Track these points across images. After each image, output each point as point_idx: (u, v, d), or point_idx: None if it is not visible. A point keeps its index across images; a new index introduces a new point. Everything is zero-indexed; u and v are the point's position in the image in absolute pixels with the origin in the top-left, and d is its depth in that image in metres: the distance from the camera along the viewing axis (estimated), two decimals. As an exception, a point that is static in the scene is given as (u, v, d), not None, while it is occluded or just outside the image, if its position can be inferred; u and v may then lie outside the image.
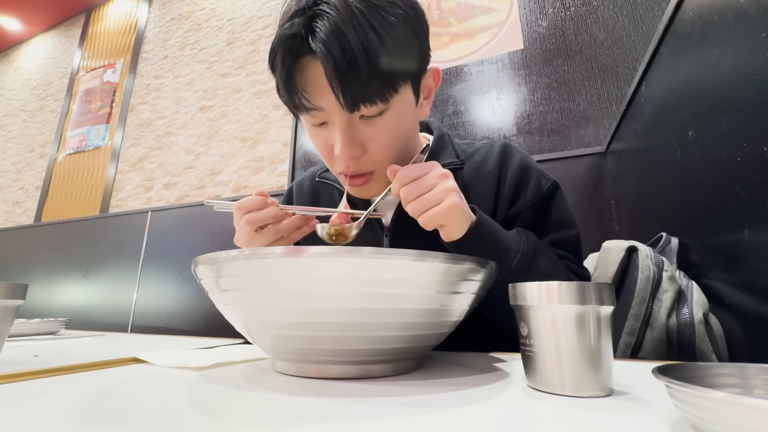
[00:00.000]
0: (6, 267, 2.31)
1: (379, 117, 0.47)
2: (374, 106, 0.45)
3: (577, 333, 0.27)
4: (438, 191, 0.42)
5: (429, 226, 0.42)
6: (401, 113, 0.49)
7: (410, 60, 0.48)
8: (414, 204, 0.42)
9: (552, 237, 0.55)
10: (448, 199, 0.41)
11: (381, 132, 0.48)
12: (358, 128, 0.48)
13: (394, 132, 0.49)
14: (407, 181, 0.42)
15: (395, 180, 0.43)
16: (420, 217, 0.42)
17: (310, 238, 0.54)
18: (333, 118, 0.48)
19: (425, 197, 0.42)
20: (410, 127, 0.53)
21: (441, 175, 0.43)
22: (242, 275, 0.30)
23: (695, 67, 0.56)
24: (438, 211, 0.41)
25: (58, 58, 3.08)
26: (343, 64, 0.42)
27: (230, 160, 1.96)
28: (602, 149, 1.13)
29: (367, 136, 0.48)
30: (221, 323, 0.40)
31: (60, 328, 0.80)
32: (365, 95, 0.44)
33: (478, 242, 0.45)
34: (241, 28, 2.20)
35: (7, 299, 0.36)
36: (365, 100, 0.44)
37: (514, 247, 0.47)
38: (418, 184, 0.42)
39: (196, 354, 0.47)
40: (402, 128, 0.50)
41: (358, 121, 0.48)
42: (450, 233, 0.44)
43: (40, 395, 0.28)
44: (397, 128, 0.49)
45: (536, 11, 1.42)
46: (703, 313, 0.51)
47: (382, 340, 0.31)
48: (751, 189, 0.43)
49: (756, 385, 0.23)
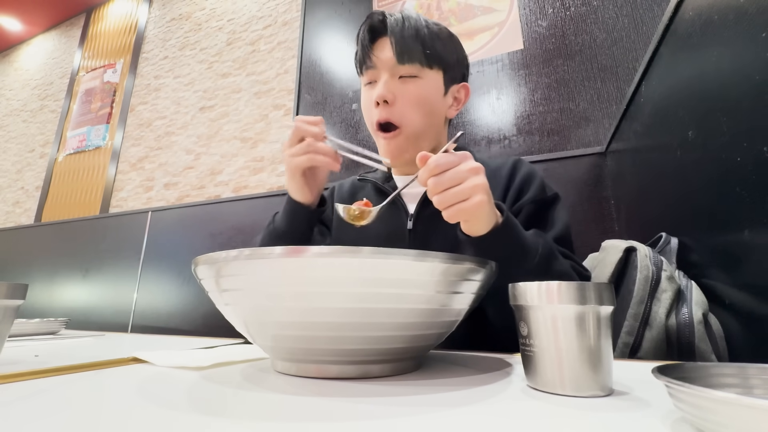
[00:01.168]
0: (6, 267, 2.31)
1: (412, 80, 0.62)
2: (413, 66, 0.62)
3: (577, 333, 0.27)
4: (467, 186, 0.41)
5: (452, 220, 0.43)
6: (429, 87, 0.63)
7: (446, 56, 0.65)
8: (441, 196, 0.41)
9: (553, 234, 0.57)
10: (476, 197, 0.41)
11: (410, 92, 0.62)
12: (395, 82, 0.62)
13: (419, 97, 0.63)
14: (437, 171, 0.41)
15: (424, 168, 0.42)
16: (445, 210, 0.42)
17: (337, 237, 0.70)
18: (381, 73, 0.63)
19: (453, 191, 0.41)
20: (433, 106, 0.65)
21: (471, 169, 0.42)
22: (242, 275, 0.30)
23: (695, 67, 0.56)
24: (464, 207, 0.41)
25: (58, 58, 3.08)
26: (402, 29, 0.61)
27: (230, 160, 1.96)
28: (602, 149, 1.13)
29: (400, 90, 0.62)
30: (221, 323, 0.40)
31: (60, 328, 0.80)
32: (411, 54, 0.61)
33: (501, 241, 0.45)
34: (241, 28, 2.20)
35: (7, 299, 0.36)
36: (409, 58, 0.61)
37: (533, 248, 0.48)
38: (448, 177, 0.41)
39: (196, 354, 0.47)
40: (426, 99, 0.63)
41: (397, 79, 0.63)
42: (472, 229, 0.44)
43: (40, 395, 0.28)
44: (422, 95, 0.63)
45: (536, 11, 1.42)
46: (702, 312, 0.51)
47: (382, 340, 0.31)
48: (751, 189, 0.43)
49: (756, 385, 0.23)
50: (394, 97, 0.62)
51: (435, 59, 0.63)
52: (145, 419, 0.22)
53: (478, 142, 1.38)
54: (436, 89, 0.64)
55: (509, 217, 0.46)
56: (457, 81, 0.68)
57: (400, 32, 0.61)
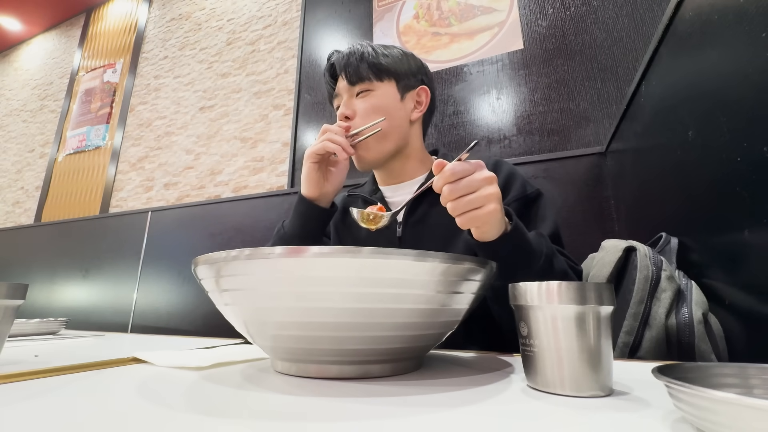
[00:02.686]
0: (6, 267, 2.30)
1: (367, 94, 0.70)
2: (363, 84, 0.70)
3: (577, 333, 0.27)
4: (481, 195, 0.43)
5: (465, 226, 0.45)
6: (383, 97, 0.71)
7: (396, 68, 0.72)
8: (455, 203, 0.43)
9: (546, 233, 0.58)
10: (489, 206, 0.43)
11: (366, 104, 0.70)
12: (353, 100, 0.71)
13: (373, 106, 0.70)
14: (452, 179, 0.43)
15: (440, 176, 0.43)
16: (459, 217, 0.44)
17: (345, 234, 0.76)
18: (343, 96, 0.72)
19: (467, 199, 0.43)
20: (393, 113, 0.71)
21: (485, 179, 0.43)
22: (242, 275, 0.30)
23: (695, 66, 0.56)
24: (477, 214, 0.43)
25: (58, 58, 3.08)
26: (348, 59, 0.71)
27: (230, 160, 1.96)
28: (602, 149, 1.13)
29: (357, 105, 0.70)
30: (221, 323, 0.40)
31: (60, 328, 0.80)
32: (358, 74, 0.70)
33: (511, 246, 0.47)
34: (241, 28, 2.20)
35: (7, 299, 0.36)
36: (358, 77, 0.70)
37: (538, 250, 0.50)
38: (463, 185, 0.43)
39: (196, 354, 0.47)
40: (379, 106, 0.70)
41: (355, 97, 0.71)
42: (483, 235, 0.46)
43: (40, 395, 0.28)
44: (375, 104, 0.70)
45: (536, 11, 1.42)
46: (702, 312, 0.51)
47: (382, 340, 0.31)
48: (751, 189, 0.43)
49: (756, 385, 0.23)
50: (354, 112, 0.70)
51: (383, 72, 0.70)
52: (145, 419, 0.22)
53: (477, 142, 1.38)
54: (390, 96, 0.71)
55: (518, 223, 0.48)
56: (414, 87, 0.74)
57: (346, 62, 0.70)
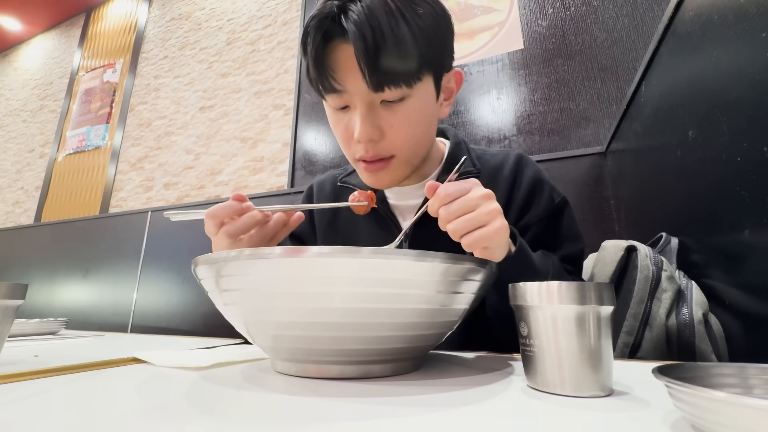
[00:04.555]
0: (6, 267, 2.30)
1: (400, 103, 0.49)
2: (398, 89, 0.47)
3: (577, 333, 0.27)
4: (482, 212, 0.38)
5: (472, 248, 0.39)
6: (421, 103, 0.50)
7: (435, 52, 0.49)
8: (456, 224, 0.38)
9: (562, 253, 0.56)
10: (495, 222, 0.39)
11: (401, 118, 0.49)
12: (378, 112, 0.49)
13: (413, 120, 0.50)
14: (448, 200, 0.38)
15: (434, 198, 0.39)
16: (464, 238, 0.38)
17: None
18: (355, 101, 0.49)
19: (468, 218, 0.38)
20: (429, 120, 0.54)
21: (483, 195, 0.39)
22: (242, 275, 0.30)
23: (695, 67, 0.56)
24: (485, 233, 0.38)
25: (58, 58, 3.08)
26: (372, 45, 0.43)
27: (230, 160, 1.96)
28: (602, 149, 1.13)
29: (387, 121, 0.49)
30: (221, 323, 0.40)
31: (60, 328, 0.80)
32: (391, 77, 0.46)
33: (516, 269, 0.43)
34: (241, 28, 2.20)
35: (7, 299, 0.36)
36: (390, 82, 0.46)
37: (544, 270, 0.47)
38: (458, 205, 0.38)
39: (196, 354, 0.46)
40: (421, 118, 0.51)
41: (379, 106, 0.49)
42: (492, 255, 0.41)
43: (40, 395, 0.27)
44: (416, 116, 0.50)
45: (536, 11, 1.42)
46: (702, 313, 0.51)
47: (382, 340, 0.31)
48: (751, 189, 0.43)
49: (756, 385, 0.23)
50: (381, 133, 0.49)
51: (424, 66, 0.48)
52: (145, 419, 0.22)
53: (478, 142, 1.38)
54: (428, 101, 0.51)
55: (522, 244, 0.45)
56: (448, 69, 0.54)
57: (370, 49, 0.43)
